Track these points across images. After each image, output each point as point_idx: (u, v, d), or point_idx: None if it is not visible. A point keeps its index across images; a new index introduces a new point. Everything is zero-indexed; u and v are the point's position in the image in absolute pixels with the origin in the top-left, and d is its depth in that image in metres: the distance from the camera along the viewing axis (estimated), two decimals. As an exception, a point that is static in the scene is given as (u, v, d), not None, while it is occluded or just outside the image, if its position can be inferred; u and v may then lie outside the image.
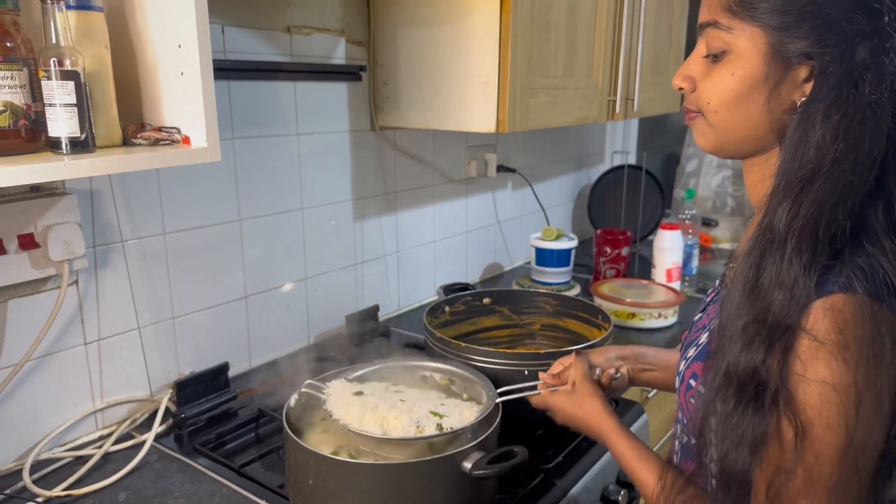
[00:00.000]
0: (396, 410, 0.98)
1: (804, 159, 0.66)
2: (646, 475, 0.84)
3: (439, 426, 0.95)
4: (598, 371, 1.07)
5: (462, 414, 1.00)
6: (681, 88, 0.78)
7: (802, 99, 0.69)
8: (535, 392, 1.07)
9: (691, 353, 0.83)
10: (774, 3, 0.68)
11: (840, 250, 0.66)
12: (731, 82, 0.72)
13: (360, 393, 1.06)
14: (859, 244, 0.66)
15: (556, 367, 1.09)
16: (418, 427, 0.95)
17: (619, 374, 1.08)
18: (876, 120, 0.64)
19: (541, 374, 1.09)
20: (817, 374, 0.64)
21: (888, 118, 0.64)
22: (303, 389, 1.05)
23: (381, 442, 0.93)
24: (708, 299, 0.90)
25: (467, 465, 0.87)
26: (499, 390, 1.06)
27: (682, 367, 0.84)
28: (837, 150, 0.64)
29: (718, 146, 0.77)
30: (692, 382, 0.81)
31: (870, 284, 0.64)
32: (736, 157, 0.79)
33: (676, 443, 0.88)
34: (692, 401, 0.81)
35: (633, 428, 1.30)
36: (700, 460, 0.74)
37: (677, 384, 0.85)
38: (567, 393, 1.01)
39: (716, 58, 0.73)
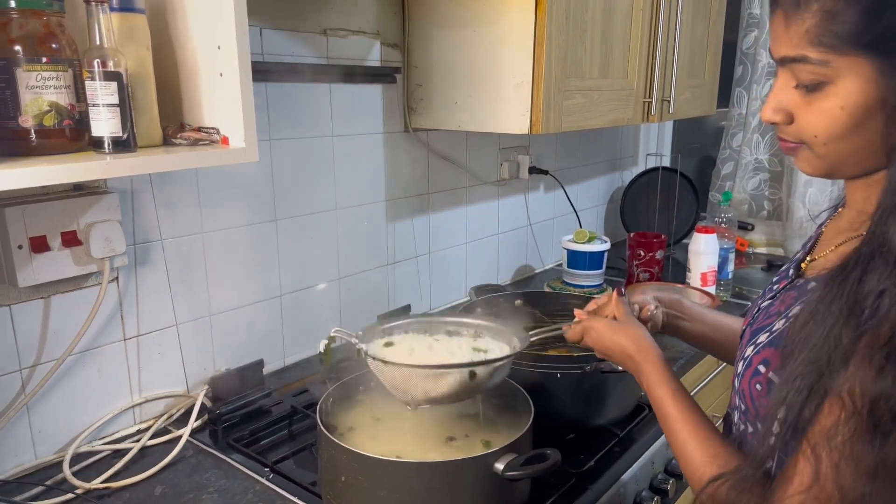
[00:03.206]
0: (434, 351, 0.97)
1: None
2: (693, 443, 0.80)
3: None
4: (636, 307, 1.03)
5: (502, 350, 0.99)
6: (773, 122, 0.75)
7: None
8: (566, 328, 1.03)
9: (763, 338, 0.80)
10: (870, 29, 0.65)
11: None
12: (841, 115, 0.69)
13: (390, 343, 1.04)
14: None
15: (591, 305, 1.06)
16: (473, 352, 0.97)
17: (654, 312, 1.05)
18: None
19: (577, 311, 1.06)
20: None
21: None
22: (332, 333, 1.03)
23: (423, 377, 0.92)
24: (779, 287, 0.86)
25: (499, 466, 0.87)
26: (531, 332, 1.04)
27: (749, 352, 0.80)
28: None
29: (829, 173, 0.75)
30: (761, 368, 0.78)
31: None
32: (847, 178, 0.77)
33: (731, 429, 0.86)
34: (758, 387, 0.78)
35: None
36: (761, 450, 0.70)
37: (741, 368, 0.81)
38: (609, 321, 0.99)
39: (810, 88, 0.70)
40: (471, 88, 1.48)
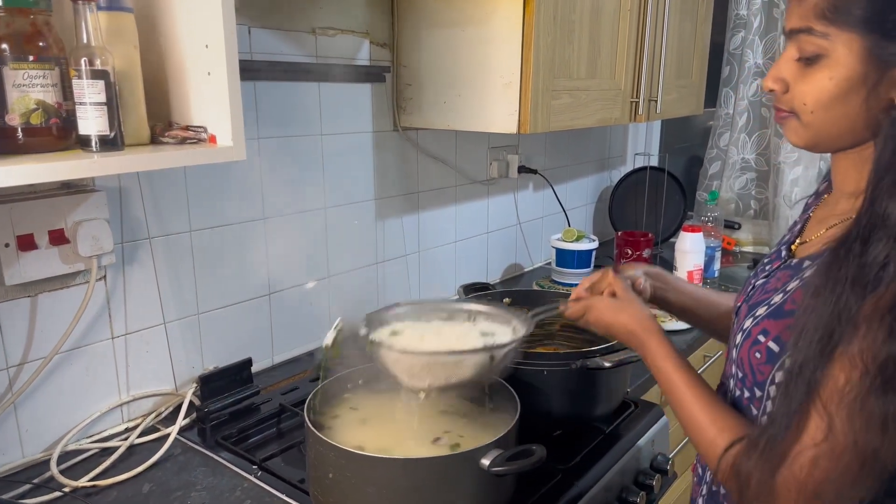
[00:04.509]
0: (444, 337, 1.00)
1: None
2: (703, 416, 0.83)
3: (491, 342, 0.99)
4: (628, 282, 1.06)
5: (505, 333, 1.02)
6: (771, 90, 0.81)
7: None
8: (565, 306, 1.04)
9: (761, 311, 0.84)
10: (869, 9, 0.72)
11: None
12: (828, 85, 0.75)
13: (396, 332, 1.05)
14: None
15: (586, 282, 1.07)
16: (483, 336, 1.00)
17: (644, 286, 1.08)
18: None
19: (575, 290, 1.08)
20: None
21: None
22: (338, 324, 1.08)
23: (445, 364, 0.95)
24: (773, 267, 0.91)
25: (485, 461, 0.88)
26: (530, 313, 1.06)
27: (748, 324, 0.85)
28: None
29: (813, 144, 0.81)
30: (760, 338, 0.82)
31: None
32: (828, 151, 0.83)
33: (725, 397, 0.90)
34: (757, 355, 0.82)
35: (653, 430, 1.29)
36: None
37: (739, 340, 0.86)
38: (610, 299, 1.01)
39: (809, 61, 0.77)
40: (459, 88, 1.49)
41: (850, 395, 0.68)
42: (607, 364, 1.13)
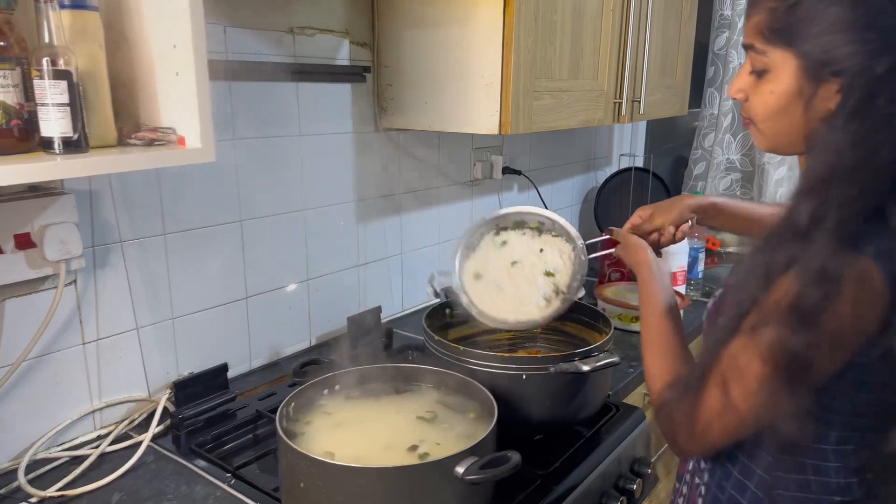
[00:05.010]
0: (519, 288, 1.21)
1: (827, 163, 0.75)
2: (657, 357, 0.97)
3: (556, 287, 1.21)
4: (672, 229, 1.23)
5: (562, 259, 1.23)
6: (736, 99, 0.89)
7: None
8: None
9: (717, 294, 0.97)
10: (800, 29, 0.77)
11: (871, 242, 0.74)
12: (770, 99, 0.82)
13: (479, 276, 1.25)
14: (872, 241, 0.73)
15: (627, 225, 1.28)
16: (546, 301, 1.20)
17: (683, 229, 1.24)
18: (891, 131, 0.72)
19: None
20: None
21: None
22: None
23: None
24: None
25: (459, 469, 0.86)
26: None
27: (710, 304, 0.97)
28: (857, 157, 0.73)
29: (772, 148, 0.88)
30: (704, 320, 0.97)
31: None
32: (789, 155, 0.91)
33: None
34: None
35: (635, 434, 1.28)
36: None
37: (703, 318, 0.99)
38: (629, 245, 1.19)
39: (759, 74, 0.83)
40: (441, 88, 1.48)
41: (748, 377, 0.77)
42: (585, 368, 1.11)
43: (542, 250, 1.26)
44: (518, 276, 1.24)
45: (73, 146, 0.82)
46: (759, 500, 0.88)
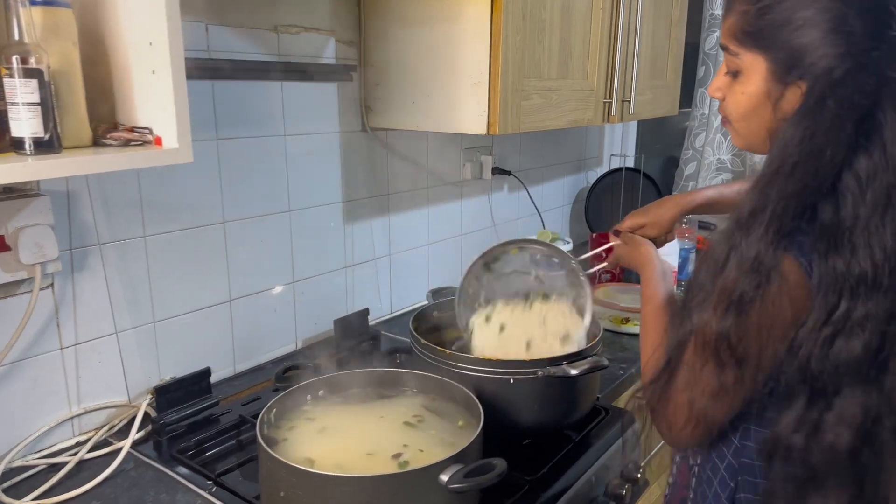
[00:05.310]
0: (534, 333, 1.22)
1: (774, 158, 0.78)
2: (648, 343, 0.98)
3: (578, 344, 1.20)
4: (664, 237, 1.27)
5: (567, 317, 1.24)
6: (715, 98, 0.92)
7: None
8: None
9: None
10: (769, 33, 0.80)
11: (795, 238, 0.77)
12: (742, 99, 0.85)
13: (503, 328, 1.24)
14: (808, 235, 0.77)
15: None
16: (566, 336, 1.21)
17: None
18: (836, 132, 0.74)
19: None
20: None
21: (850, 131, 0.74)
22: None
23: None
24: None
25: (444, 477, 0.84)
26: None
27: None
28: (801, 154, 0.75)
29: (748, 147, 0.91)
30: None
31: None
32: (765, 153, 0.89)
33: None
34: None
35: (625, 437, 1.26)
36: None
37: None
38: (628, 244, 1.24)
39: (733, 75, 0.86)
40: (428, 88, 1.45)
41: (695, 366, 0.81)
42: (573, 371, 1.10)
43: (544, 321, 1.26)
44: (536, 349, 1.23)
45: (44, 147, 0.80)
46: (726, 484, 0.90)
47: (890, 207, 0.74)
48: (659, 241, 1.26)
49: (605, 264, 1.33)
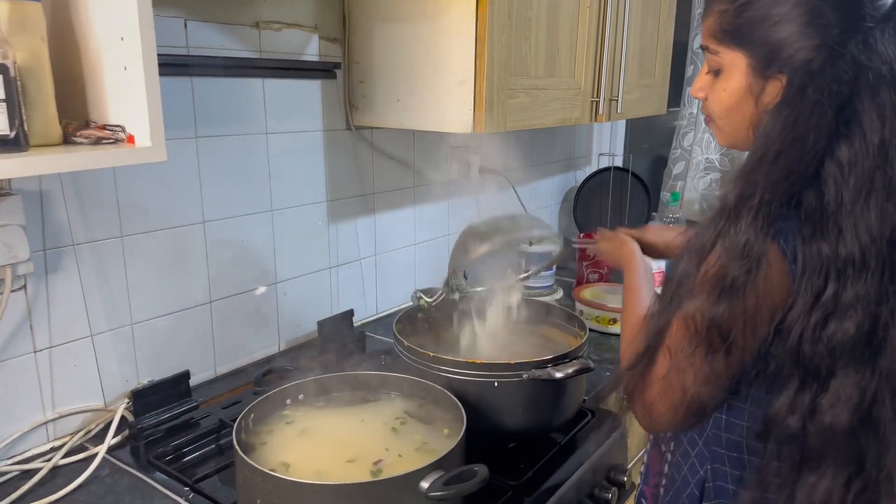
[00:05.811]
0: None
1: (758, 147, 0.80)
2: (628, 332, 1.00)
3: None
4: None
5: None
6: (698, 98, 0.94)
7: None
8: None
9: None
10: (748, 30, 0.82)
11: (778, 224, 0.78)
12: (724, 96, 0.88)
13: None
14: (792, 221, 0.78)
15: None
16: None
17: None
18: (817, 118, 0.75)
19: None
20: None
21: (831, 118, 0.75)
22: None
23: None
24: None
25: (424, 485, 0.82)
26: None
27: None
28: (784, 141, 0.77)
29: (731, 144, 0.93)
30: None
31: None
32: (749, 150, 0.89)
33: None
34: None
35: (610, 440, 1.25)
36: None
37: None
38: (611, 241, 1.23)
39: (715, 74, 0.89)
40: (413, 86, 1.43)
41: (685, 350, 0.81)
42: (558, 375, 1.08)
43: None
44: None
45: (10, 145, 0.77)
46: (696, 470, 0.92)
47: (873, 191, 0.75)
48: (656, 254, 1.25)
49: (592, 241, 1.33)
